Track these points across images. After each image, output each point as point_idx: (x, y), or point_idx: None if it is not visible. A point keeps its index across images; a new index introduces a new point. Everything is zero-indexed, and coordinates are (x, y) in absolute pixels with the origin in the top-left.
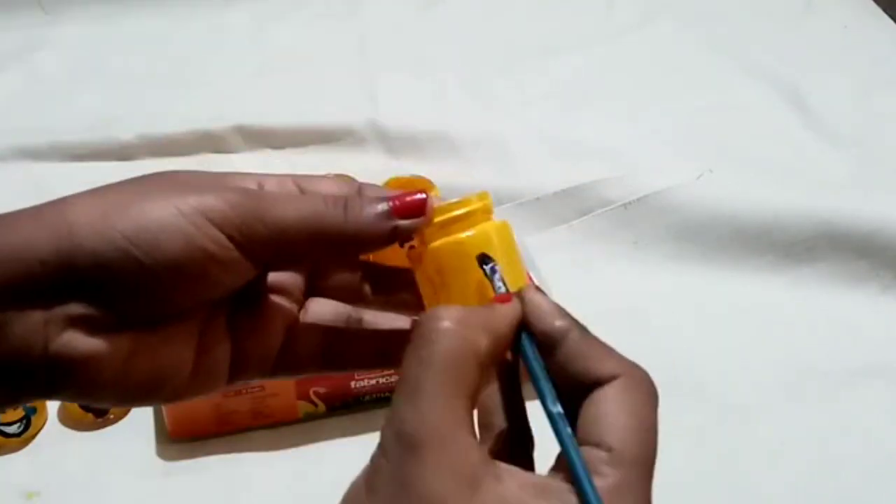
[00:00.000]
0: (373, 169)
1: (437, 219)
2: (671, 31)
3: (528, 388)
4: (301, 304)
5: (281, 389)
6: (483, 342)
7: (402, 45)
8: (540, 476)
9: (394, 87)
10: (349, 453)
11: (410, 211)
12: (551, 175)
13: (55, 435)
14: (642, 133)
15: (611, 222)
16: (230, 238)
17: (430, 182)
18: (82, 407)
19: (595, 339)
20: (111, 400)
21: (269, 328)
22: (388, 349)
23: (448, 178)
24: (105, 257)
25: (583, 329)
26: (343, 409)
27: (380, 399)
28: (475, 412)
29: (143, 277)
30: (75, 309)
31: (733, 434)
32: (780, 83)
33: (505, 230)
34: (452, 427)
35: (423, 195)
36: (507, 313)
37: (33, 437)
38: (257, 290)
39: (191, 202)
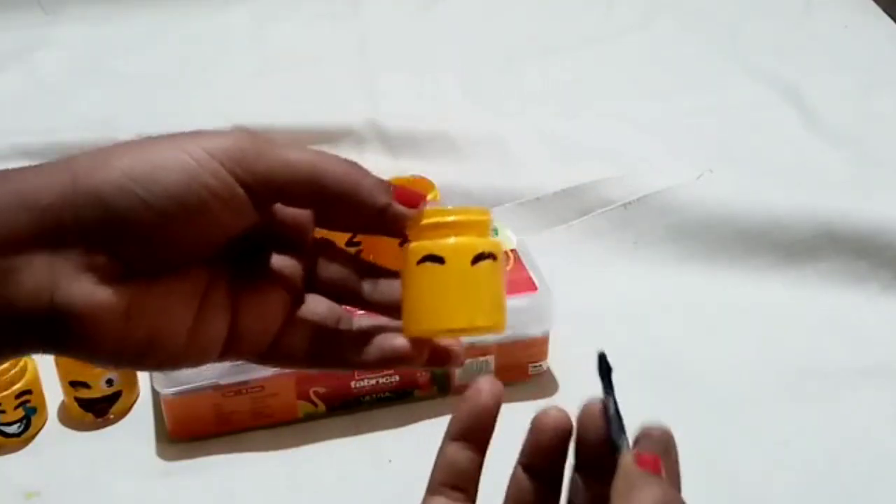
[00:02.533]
0: (373, 169)
1: (428, 220)
2: (671, 31)
3: None
4: (300, 295)
5: (281, 389)
6: None
7: (402, 45)
8: None
9: (394, 87)
10: (349, 453)
11: (408, 200)
12: (551, 175)
13: (55, 435)
14: (642, 133)
15: (611, 222)
16: (231, 172)
17: (430, 182)
18: (82, 407)
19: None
20: (107, 357)
21: (267, 309)
22: (368, 352)
23: (448, 178)
24: (105, 195)
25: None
26: (343, 409)
27: (380, 399)
28: None
29: (144, 214)
30: (81, 256)
31: (732, 433)
32: (780, 83)
33: (488, 247)
34: None
35: (425, 195)
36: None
37: (33, 437)
38: (259, 268)
39: (197, 140)
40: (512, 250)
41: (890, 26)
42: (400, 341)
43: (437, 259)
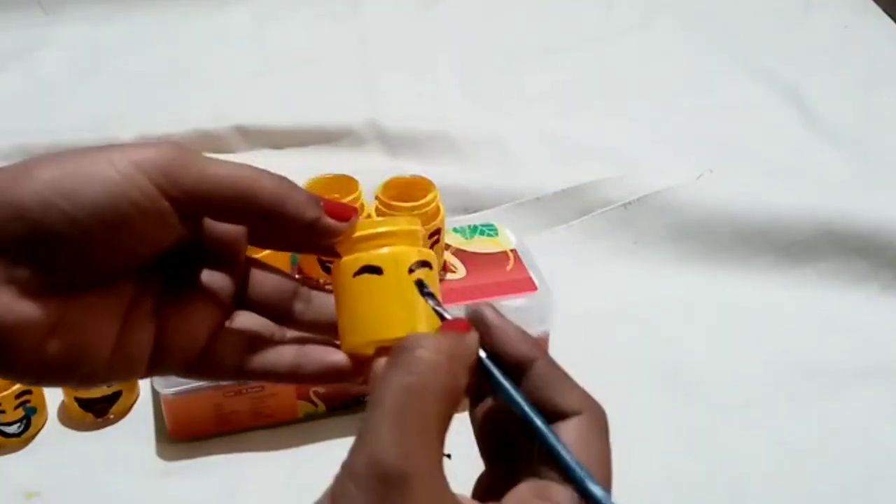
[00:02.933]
0: (373, 169)
1: (357, 234)
2: (671, 32)
3: None
4: (229, 310)
5: (281, 389)
6: (464, 378)
7: (402, 45)
8: None
9: (394, 87)
10: None
11: (338, 213)
12: (551, 175)
13: (55, 435)
14: (642, 133)
15: (611, 222)
16: (157, 186)
17: (430, 182)
18: (82, 407)
19: (559, 368)
20: (26, 375)
21: (194, 323)
22: (304, 366)
23: (448, 178)
24: (27, 207)
25: (549, 357)
26: (343, 409)
27: None
28: None
29: (67, 227)
30: (1, 269)
31: (733, 434)
32: (780, 83)
33: (422, 256)
34: (434, 466)
35: (356, 208)
36: (474, 344)
37: (33, 437)
38: (187, 282)
39: (124, 152)
40: (512, 250)
41: (890, 26)
42: (339, 356)
43: (375, 270)
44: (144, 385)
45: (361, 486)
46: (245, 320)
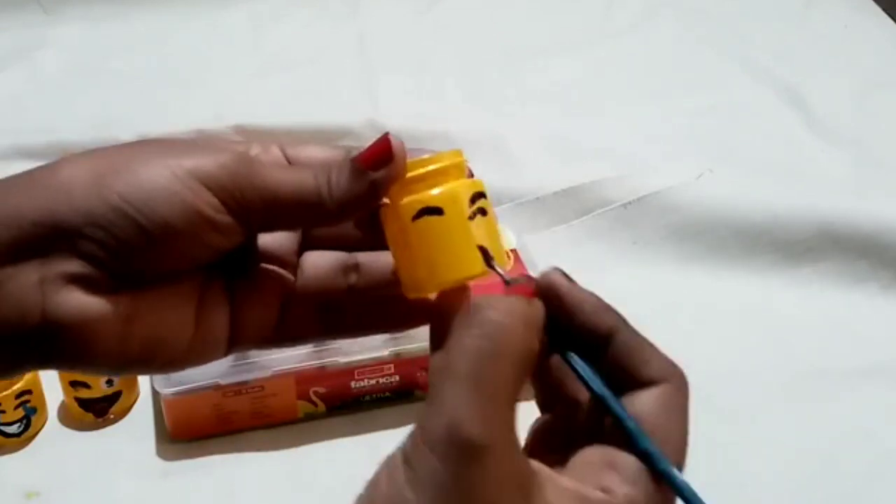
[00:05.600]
0: None
1: (409, 174)
2: (671, 32)
3: None
4: (296, 267)
5: (281, 389)
6: (537, 345)
7: (401, 45)
8: (572, 482)
9: (394, 87)
10: (349, 453)
11: (378, 156)
12: (551, 175)
13: (55, 435)
14: (642, 133)
15: (611, 222)
16: (223, 202)
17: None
18: (82, 407)
19: (640, 336)
20: (108, 366)
21: (265, 296)
22: (382, 311)
23: None
24: (100, 216)
25: (629, 326)
26: (343, 409)
27: (380, 399)
28: None
29: (138, 236)
30: (71, 267)
31: (733, 434)
32: (780, 83)
33: (475, 187)
34: (511, 436)
35: (386, 135)
36: (542, 311)
37: (33, 437)
38: (251, 258)
39: (185, 164)
40: (512, 250)
41: (890, 26)
42: (405, 304)
43: (435, 210)
44: (144, 385)
45: (439, 453)
46: (315, 262)
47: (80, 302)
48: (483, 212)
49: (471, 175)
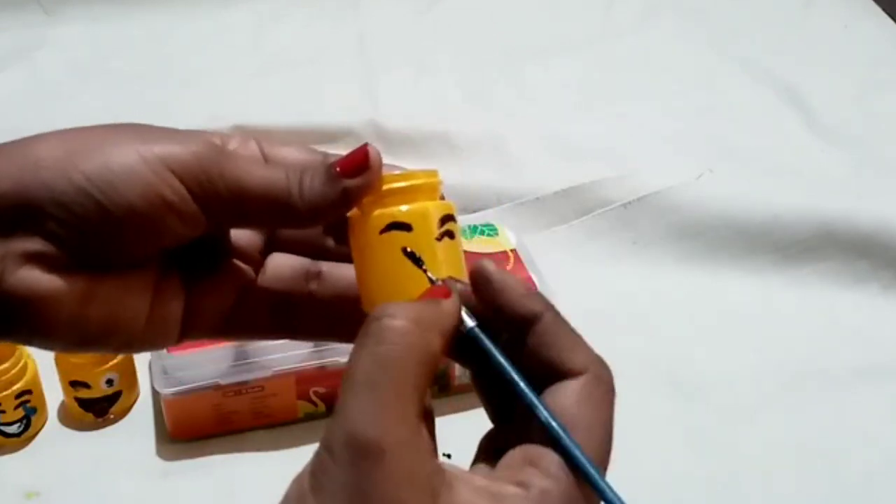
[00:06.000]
0: None
1: (384, 187)
2: (671, 32)
3: None
4: (259, 265)
5: (281, 389)
6: (438, 344)
7: (402, 45)
8: (486, 480)
9: (394, 87)
10: None
11: (355, 164)
12: (551, 175)
13: (55, 435)
14: (642, 133)
15: (611, 222)
16: (189, 190)
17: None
18: (82, 407)
19: (566, 325)
20: (64, 342)
21: (222, 287)
22: (337, 321)
23: (448, 178)
24: (64, 195)
25: (555, 313)
26: None
27: None
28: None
29: (100, 218)
30: (32, 245)
31: (733, 434)
32: (780, 83)
33: (446, 209)
34: (410, 434)
35: (364, 145)
36: (452, 310)
37: (33, 437)
38: (216, 248)
39: (155, 149)
40: (512, 250)
41: (890, 26)
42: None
43: (404, 226)
44: (144, 385)
45: (339, 460)
46: (278, 263)
47: (37, 279)
48: (451, 235)
49: (442, 198)
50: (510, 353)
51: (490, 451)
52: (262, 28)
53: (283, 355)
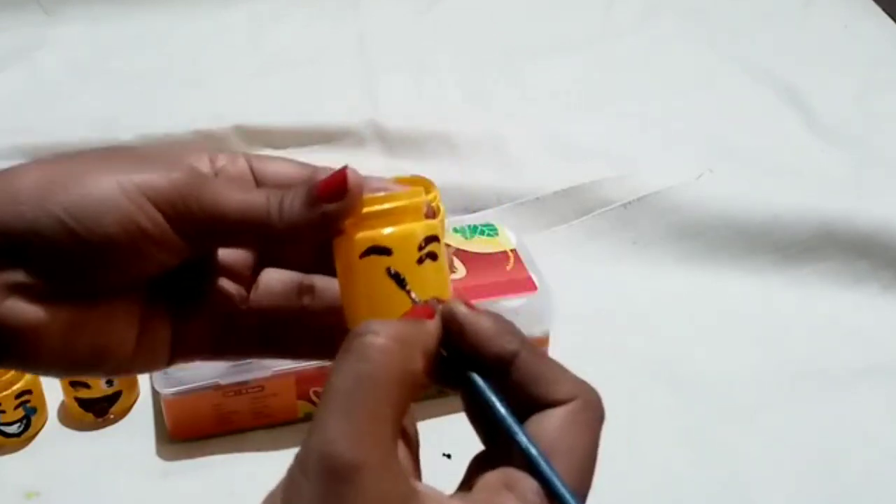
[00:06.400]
0: (373, 169)
1: (365, 210)
2: (671, 32)
3: None
4: (250, 282)
5: (281, 389)
6: (419, 364)
7: (402, 45)
8: (460, 502)
9: (394, 87)
10: None
11: (333, 188)
12: (551, 175)
13: (55, 435)
14: (642, 133)
15: (611, 222)
16: (166, 217)
17: (430, 182)
18: (82, 407)
19: (545, 358)
20: (55, 369)
21: (209, 310)
22: (325, 342)
23: (448, 178)
24: (43, 227)
25: (531, 348)
26: None
27: None
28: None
29: (79, 249)
30: (15, 277)
31: (733, 434)
32: (780, 83)
33: (430, 230)
34: (385, 455)
35: (344, 169)
36: (433, 331)
37: (33, 437)
38: (205, 271)
39: (134, 179)
40: (512, 250)
41: (890, 26)
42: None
43: (383, 251)
44: (144, 385)
45: (311, 478)
46: (270, 278)
47: (22, 310)
48: (434, 256)
49: (432, 214)
50: (494, 387)
51: (479, 473)
52: (262, 28)
53: None
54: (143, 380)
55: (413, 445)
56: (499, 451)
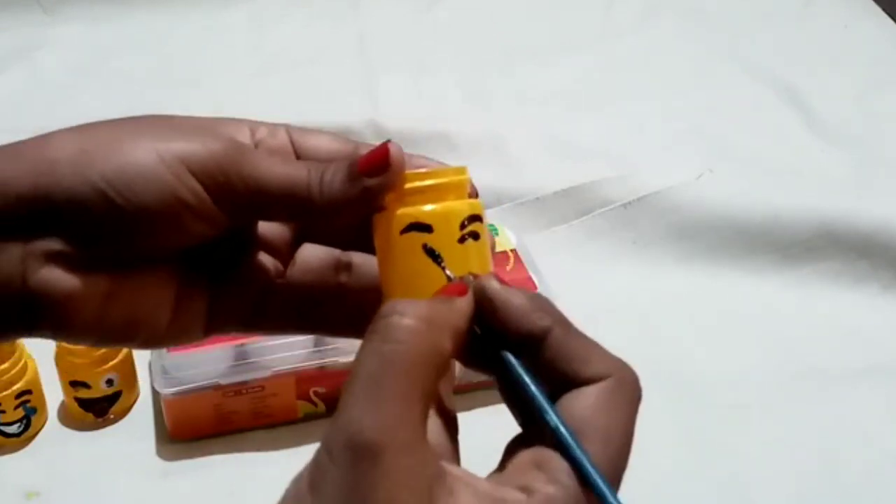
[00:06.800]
0: None
1: (407, 185)
2: (671, 32)
3: None
4: (288, 257)
5: (281, 389)
6: (448, 345)
7: (402, 45)
8: (490, 484)
9: (394, 87)
10: None
11: (375, 163)
12: (551, 175)
13: (55, 435)
14: (642, 133)
15: (611, 222)
16: (207, 190)
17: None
18: (82, 407)
19: (578, 335)
20: (88, 339)
21: (246, 283)
22: (362, 319)
23: None
24: (81, 196)
25: (564, 324)
26: None
27: None
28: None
29: (118, 219)
30: (53, 245)
31: (733, 434)
32: (780, 83)
33: (472, 209)
34: (412, 436)
35: (386, 143)
36: (465, 309)
37: (33, 437)
38: (244, 243)
39: (173, 148)
40: (512, 250)
41: (890, 26)
42: None
43: (424, 227)
44: (144, 385)
45: (337, 461)
46: (308, 254)
47: (59, 278)
48: (476, 236)
49: (474, 194)
50: (527, 366)
51: (513, 454)
52: (262, 28)
53: (283, 355)
54: (143, 380)
55: (451, 428)
56: (533, 432)
